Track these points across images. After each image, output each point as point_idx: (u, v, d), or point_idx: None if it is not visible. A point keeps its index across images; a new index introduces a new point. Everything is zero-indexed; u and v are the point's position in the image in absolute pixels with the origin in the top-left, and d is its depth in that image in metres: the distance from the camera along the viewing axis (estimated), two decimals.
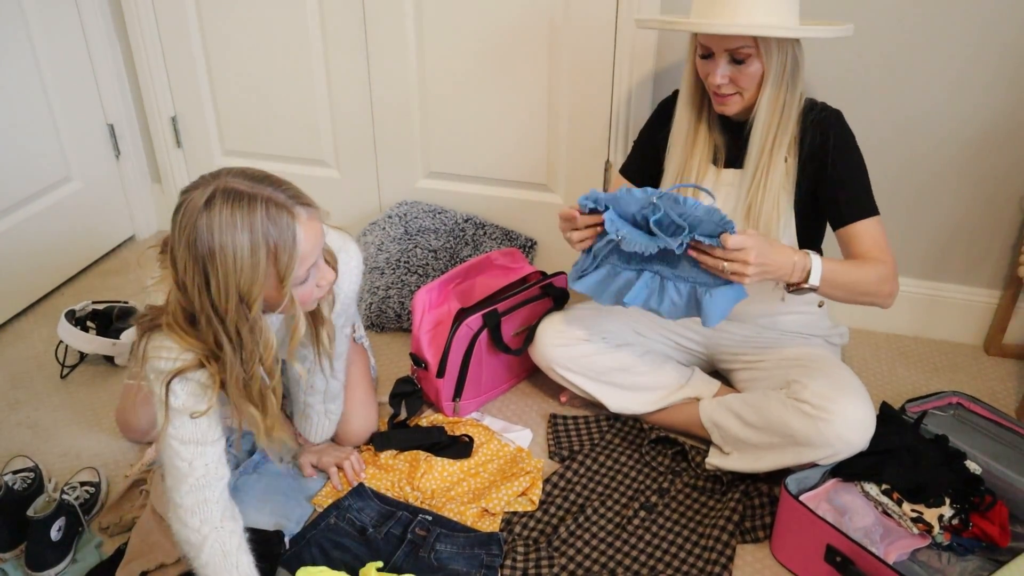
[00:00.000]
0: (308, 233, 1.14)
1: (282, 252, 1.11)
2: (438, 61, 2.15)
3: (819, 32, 1.45)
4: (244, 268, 1.09)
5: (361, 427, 1.69)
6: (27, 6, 2.10)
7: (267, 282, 1.12)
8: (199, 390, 1.23)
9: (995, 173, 1.88)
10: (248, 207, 1.09)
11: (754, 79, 1.46)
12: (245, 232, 1.08)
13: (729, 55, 1.44)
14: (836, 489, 1.49)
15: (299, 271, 1.14)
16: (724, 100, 1.50)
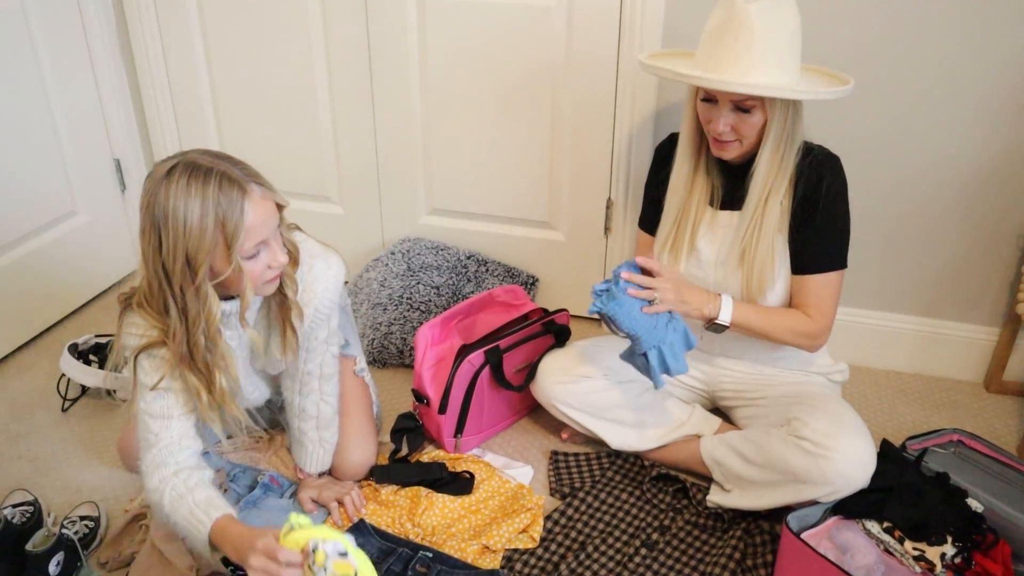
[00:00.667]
0: (257, 208, 1.22)
1: (229, 221, 1.19)
2: (442, 99, 2.18)
3: (824, 95, 1.44)
4: (192, 233, 1.18)
5: (360, 459, 1.69)
6: (38, 42, 2.14)
7: (215, 250, 1.20)
8: (164, 366, 1.31)
9: (992, 211, 1.90)
10: (203, 178, 1.18)
11: (755, 128, 1.48)
12: (197, 200, 1.17)
13: (733, 104, 1.46)
14: (838, 527, 1.49)
15: (246, 243, 1.22)
16: (724, 146, 1.52)
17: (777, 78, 1.41)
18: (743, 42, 1.39)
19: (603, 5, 1.93)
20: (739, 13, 1.38)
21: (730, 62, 1.41)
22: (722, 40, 1.42)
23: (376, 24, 2.13)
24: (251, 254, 1.25)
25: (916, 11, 1.75)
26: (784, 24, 1.41)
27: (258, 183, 1.24)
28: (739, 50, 1.40)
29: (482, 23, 2.04)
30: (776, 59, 1.41)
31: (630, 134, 2.03)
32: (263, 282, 1.31)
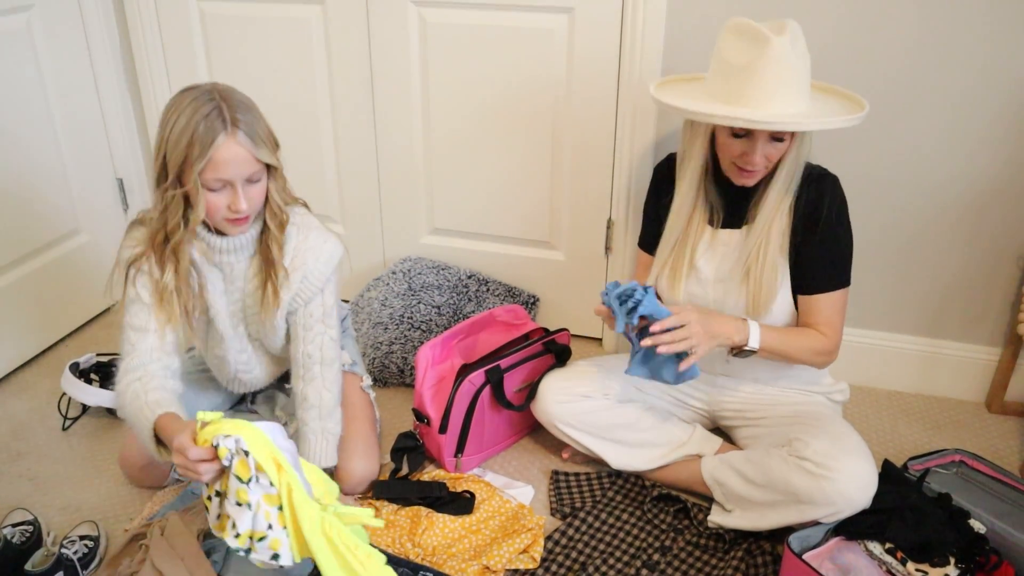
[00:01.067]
0: (230, 148, 1.33)
1: (198, 144, 1.31)
2: (443, 119, 2.19)
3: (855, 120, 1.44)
4: (170, 140, 1.34)
5: (363, 471, 1.69)
6: (43, 62, 2.16)
7: (183, 164, 1.33)
8: (148, 280, 1.47)
9: (993, 231, 1.90)
10: (200, 103, 1.33)
11: (782, 153, 1.49)
12: (184, 116, 1.33)
13: (770, 136, 1.46)
14: (839, 548, 1.48)
15: (207, 172, 1.34)
16: (751, 175, 1.52)
17: (802, 106, 1.42)
18: (783, 77, 1.40)
19: (604, 26, 1.95)
20: (773, 47, 1.37)
21: (767, 97, 1.40)
22: (758, 75, 1.40)
23: (378, 45, 2.15)
24: (213, 187, 1.36)
25: (919, 34, 1.76)
26: (805, 53, 1.43)
27: (248, 134, 1.35)
28: (778, 84, 1.40)
29: (483, 44, 2.06)
30: (804, 89, 1.44)
31: (631, 154, 2.04)
32: (220, 218, 1.42)
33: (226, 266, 1.53)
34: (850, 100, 1.55)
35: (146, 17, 2.32)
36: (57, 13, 2.19)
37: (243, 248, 1.52)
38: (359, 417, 1.76)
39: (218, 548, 1.53)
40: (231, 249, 1.50)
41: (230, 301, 1.58)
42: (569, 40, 1.99)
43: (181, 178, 1.35)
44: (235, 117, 1.34)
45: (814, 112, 1.44)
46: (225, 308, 1.58)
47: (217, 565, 1.49)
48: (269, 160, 1.40)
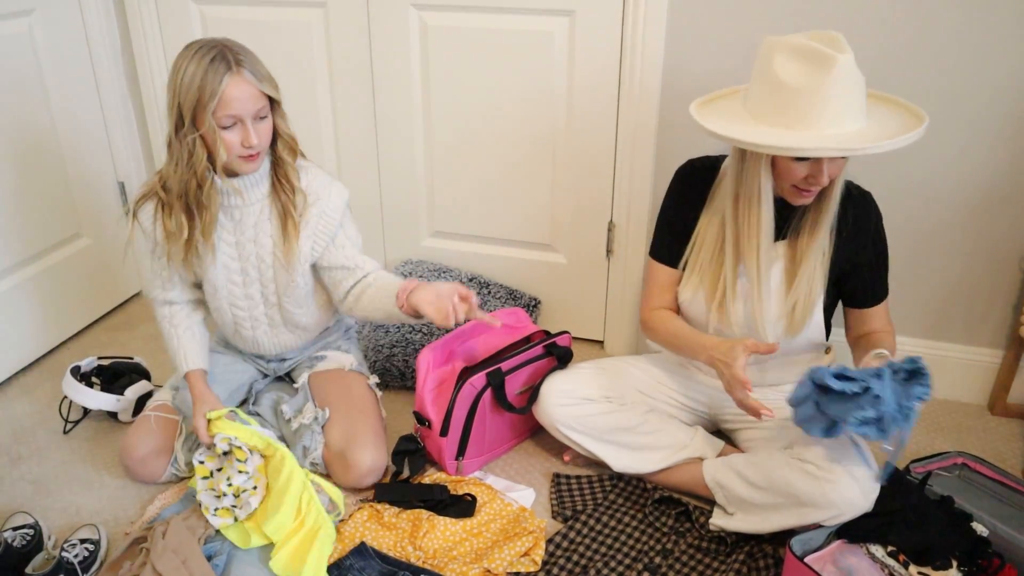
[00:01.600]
0: (237, 85, 1.46)
1: (209, 86, 1.44)
2: (444, 122, 2.19)
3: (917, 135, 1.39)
4: (183, 87, 1.46)
5: (371, 462, 1.70)
6: (44, 65, 2.16)
7: (197, 107, 1.46)
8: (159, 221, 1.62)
9: (996, 234, 1.90)
10: (206, 51, 1.46)
11: (843, 168, 1.46)
12: (193, 63, 1.45)
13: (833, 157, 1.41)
14: (841, 551, 1.48)
15: (219, 110, 1.46)
16: (810, 195, 1.47)
17: (864, 122, 1.40)
18: (854, 95, 1.37)
19: (605, 30, 1.95)
20: (841, 67, 1.33)
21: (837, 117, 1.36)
22: (824, 97, 1.35)
23: (379, 48, 2.16)
24: (226, 124, 1.48)
25: (917, 34, 1.76)
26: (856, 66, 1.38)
27: (252, 72, 1.48)
28: (846, 105, 1.36)
29: (484, 47, 2.06)
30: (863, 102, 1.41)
31: (632, 156, 2.04)
32: (236, 156, 1.53)
33: (235, 211, 1.63)
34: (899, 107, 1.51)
35: (147, 22, 2.32)
36: (59, 17, 2.19)
37: (258, 183, 1.62)
38: (367, 411, 1.77)
39: (219, 551, 1.53)
40: (247, 186, 1.61)
41: (241, 256, 1.67)
42: (570, 43, 1.99)
43: (196, 122, 1.47)
44: (238, 58, 1.47)
45: (878, 127, 1.40)
46: (235, 261, 1.68)
47: (218, 568, 1.49)
48: (273, 93, 1.53)
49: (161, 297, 1.76)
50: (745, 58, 1.87)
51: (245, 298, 1.73)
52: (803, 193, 1.47)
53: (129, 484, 1.78)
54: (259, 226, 1.65)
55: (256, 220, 1.65)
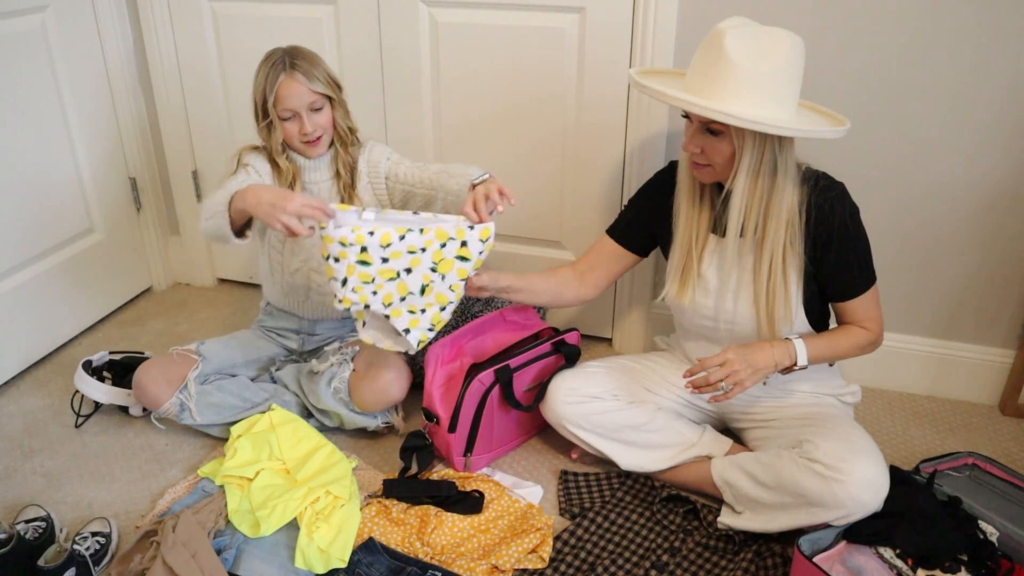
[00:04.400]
0: (289, 86, 1.72)
1: (269, 86, 1.73)
2: (453, 119, 2.20)
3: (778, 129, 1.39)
4: (256, 86, 1.76)
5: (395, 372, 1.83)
6: (57, 62, 2.18)
7: (264, 102, 1.74)
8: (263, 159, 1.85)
9: (1007, 233, 1.89)
10: (272, 58, 1.75)
11: (724, 154, 1.46)
12: (263, 68, 1.75)
13: (703, 125, 1.46)
14: (850, 550, 1.48)
15: (277, 105, 1.74)
16: (698, 169, 1.53)
17: (749, 110, 1.37)
18: (718, 68, 1.39)
19: (615, 27, 1.95)
20: (717, 40, 1.40)
21: (704, 86, 1.41)
22: (701, 65, 1.43)
23: (389, 45, 2.16)
24: (285, 116, 1.76)
25: (926, 34, 1.75)
26: (767, 57, 1.38)
27: (304, 74, 1.72)
28: (713, 75, 1.39)
29: (493, 44, 2.06)
30: (753, 92, 1.38)
31: (641, 154, 2.04)
32: (298, 143, 1.80)
33: (313, 186, 1.86)
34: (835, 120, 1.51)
35: (159, 18, 2.33)
36: (71, 14, 2.20)
37: (321, 167, 1.86)
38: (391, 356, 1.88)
39: (229, 545, 1.54)
40: (313, 167, 1.85)
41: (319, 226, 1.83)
42: (580, 40, 1.99)
43: (267, 113, 1.75)
44: (294, 63, 1.73)
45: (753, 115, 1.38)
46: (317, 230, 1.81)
47: (228, 562, 1.50)
48: (324, 91, 1.75)
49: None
50: None
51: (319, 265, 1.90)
52: (695, 167, 1.54)
53: (140, 478, 1.79)
54: (333, 197, 1.88)
55: (329, 196, 1.87)
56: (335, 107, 1.81)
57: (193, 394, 1.82)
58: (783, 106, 1.41)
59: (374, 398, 1.82)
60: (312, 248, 1.89)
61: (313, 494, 1.61)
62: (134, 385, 1.84)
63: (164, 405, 1.81)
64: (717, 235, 1.61)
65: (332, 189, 1.88)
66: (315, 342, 2.04)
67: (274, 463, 1.70)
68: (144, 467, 1.83)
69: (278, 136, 1.79)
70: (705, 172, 1.53)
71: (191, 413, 1.82)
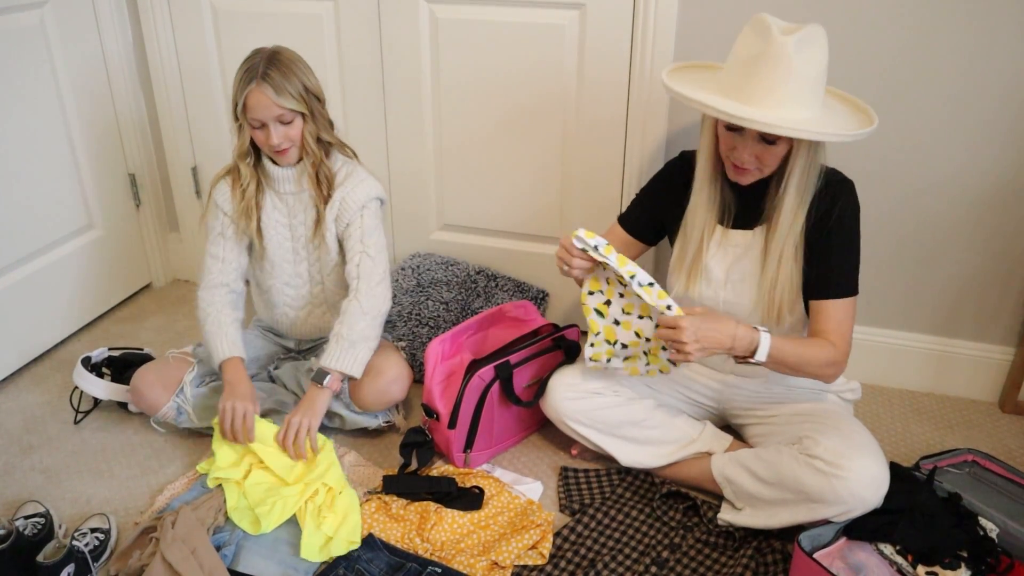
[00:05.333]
0: (255, 96, 1.66)
1: (238, 91, 1.69)
2: (454, 115, 2.19)
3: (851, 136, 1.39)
4: (233, 86, 1.71)
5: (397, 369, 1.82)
6: (56, 57, 2.17)
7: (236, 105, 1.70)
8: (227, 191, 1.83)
9: (1007, 230, 1.89)
10: (248, 62, 1.69)
11: (778, 157, 1.46)
12: (239, 71, 1.69)
13: (759, 135, 1.42)
14: (850, 547, 1.48)
15: (246, 113, 1.69)
16: (743, 173, 1.50)
17: (806, 113, 1.38)
18: (779, 76, 1.36)
19: (615, 23, 1.94)
20: (777, 45, 1.34)
21: (763, 95, 1.37)
22: (756, 72, 1.37)
23: (389, 41, 2.16)
24: (255, 125, 1.71)
25: (925, 31, 1.75)
26: (816, 59, 1.37)
27: (273, 86, 1.66)
28: (773, 84, 1.36)
29: (494, 40, 2.06)
30: (807, 94, 1.39)
31: (642, 150, 2.04)
32: (267, 151, 1.76)
33: (288, 197, 1.83)
34: (858, 108, 1.51)
35: (158, 13, 2.32)
36: (70, 9, 2.20)
37: (289, 179, 1.81)
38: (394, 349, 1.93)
39: (228, 542, 1.54)
40: (282, 178, 1.81)
41: (293, 236, 1.86)
42: (580, 36, 1.99)
43: (238, 115, 1.71)
44: (267, 72, 1.66)
45: (815, 120, 1.39)
46: (288, 241, 1.87)
47: (227, 558, 1.50)
48: (292, 106, 1.68)
49: (216, 280, 1.84)
50: None
51: (295, 276, 1.90)
52: (735, 169, 1.50)
53: (139, 474, 1.79)
54: (307, 211, 1.84)
55: (304, 206, 1.83)
56: (308, 121, 1.74)
57: (190, 397, 1.82)
58: (821, 104, 1.42)
59: (375, 398, 1.82)
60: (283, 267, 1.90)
61: (310, 489, 1.61)
62: (131, 391, 1.84)
63: (162, 410, 1.81)
64: (724, 226, 1.61)
65: (298, 201, 1.83)
66: (311, 341, 2.04)
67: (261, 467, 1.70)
68: (143, 463, 1.83)
69: (245, 138, 1.75)
70: (750, 176, 1.50)
71: (189, 416, 1.82)
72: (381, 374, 1.81)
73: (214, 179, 1.85)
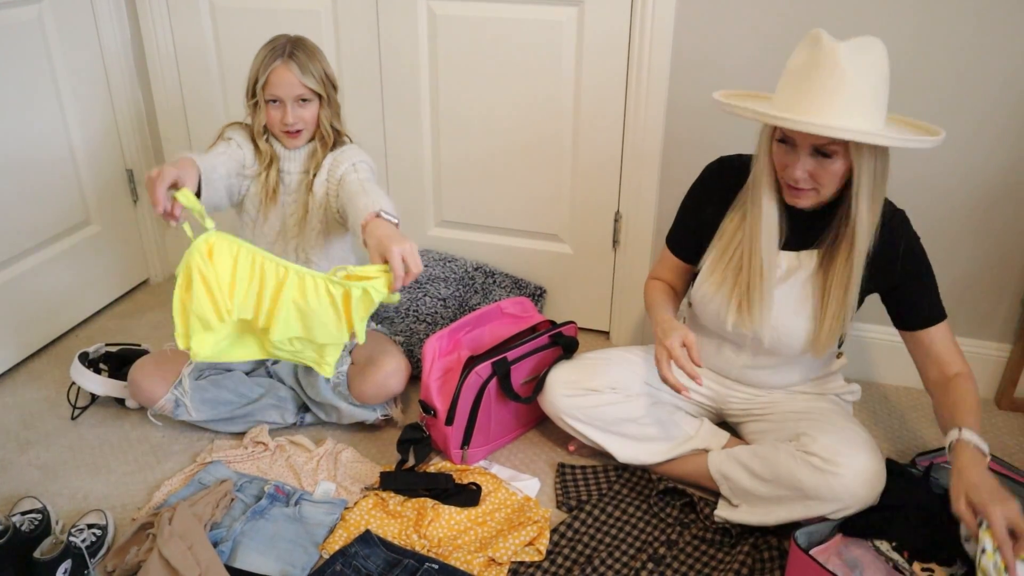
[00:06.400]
0: (280, 73, 1.71)
1: (262, 67, 1.73)
2: (451, 111, 2.19)
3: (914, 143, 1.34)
4: (252, 64, 1.76)
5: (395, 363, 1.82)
6: (54, 52, 2.17)
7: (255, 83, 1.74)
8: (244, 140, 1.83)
9: (1002, 227, 1.89)
10: (274, 42, 1.74)
11: (836, 176, 1.38)
12: (263, 50, 1.74)
13: (813, 148, 1.36)
14: (846, 543, 1.48)
15: (266, 88, 1.73)
16: (799, 194, 1.42)
17: (863, 124, 1.29)
18: (831, 84, 1.28)
19: (613, 18, 1.94)
20: (827, 52, 1.28)
21: (813, 103, 1.29)
22: (807, 79, 1.31)
23: (387, 37, 2.15)
24: (272, 102, 1.74)
25: (925, 28, 1.75)
26: (873, 67, 1.30)
27: (299, 65, 1.72)
28: (825, 91, 1.29)
29: (492, 36, 2.06)
30: (866, 105, 1.30)
31: (640, 147, 2.04)
32: (278, 130, 1.78)
33: (287, 176, 1.84)
34: (923, 130, 1.42)
35: (156, 8, 2.32)
36: (68, 4, 2.19)
37: (297, 159, 1.82)
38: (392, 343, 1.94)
39: (225, 537, 1.54)
40: (289, 158, 1.82)
41: (285, 215, 1.86)
42: (578, 32, 1.99)
43: (255, 93, 1.75)
44: (293, 52, 1.72)
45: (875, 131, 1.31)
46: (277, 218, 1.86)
47: (224, 555, 1.50)
48: (314, 87, 1.73)
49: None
50: (755, 48, 1.87)
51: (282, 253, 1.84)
52: (790, 189, 1.43)
53: (136, 470, 1.79)
54: (300, 191, 1.84)
55: (297, 187, 1.84)
56: (323, 105, 1.78)
57: (188, 390, 1.82)
58: (882, 119, 1.34)
59: (374, 391, 1.82)
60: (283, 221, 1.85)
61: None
62: (129, 383, 1.83)
63: (159, 402, 1.81)
64: (788, 251, 1.53)
65: (303, 183, 1.84)
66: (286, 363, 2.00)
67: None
68: (140, 459, 1.83)
69: (261, 118, 1.78)
70: (807, 197, 1.42)
71: (187, 409, 1.82)
72: (379, 367, 1.81)
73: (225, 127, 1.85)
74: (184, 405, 1.81)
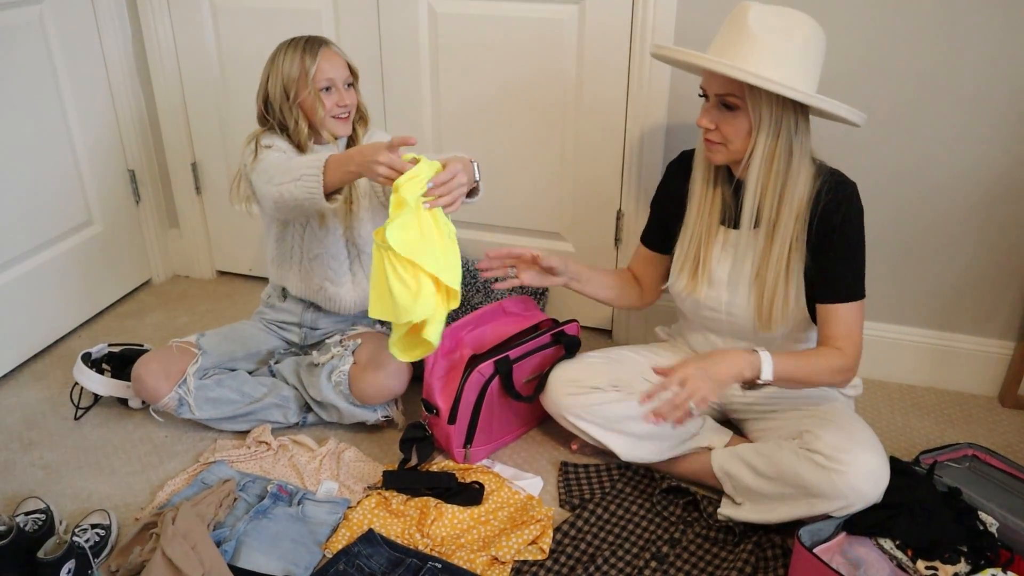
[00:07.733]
0: (329, 58, 1.78)
1: (308, 59, 1.76)
2: (453, 110, 2.19)
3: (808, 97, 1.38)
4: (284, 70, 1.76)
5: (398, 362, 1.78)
6: (55, 54, 2.17)
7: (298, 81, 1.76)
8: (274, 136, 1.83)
9: (1006, 225, 1.89)
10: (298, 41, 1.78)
11: (739, 131, 1.45)
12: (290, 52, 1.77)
13: (718, 100, 1.45)
14: (850, 542, 1.48)
15: (319, 76, 1.76)
16: (711, 147, 1.51)
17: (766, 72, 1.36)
18: (732, 35, 1.40)
19: (614, 16, 1.94)
20: (740, 9, 1.41)
21: (731, 51, 1.40)
22: (722, 40, 1.43)
23: (388, 36, 2.15)
24: (323, 86, 1.77)
25: (930, 29, 1.75)
26: (791, 31, 1.39)
27: (337, 49, 1.80)
28: (727, 41, 1.41)
29: (493, 35, 2.06)
30: (777, 59, 1.37)
31: (641, 145, 2.03)
32: (332, 116, 1.80)
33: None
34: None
35: (157, 9, 2.32)
36: (69, 5, 2.19)
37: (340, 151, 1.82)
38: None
39: (228, 537, 1.54)
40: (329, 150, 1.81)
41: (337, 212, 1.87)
42: (579, 30, 1.98)
43: (298, 94, 1.77)
44: (327, 40, 1.80)
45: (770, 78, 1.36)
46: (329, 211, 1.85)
47: (227, 554, 1.50)
48: (354, 66, 1.83)
49: None
50: None
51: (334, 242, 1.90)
52: (706, 144, 1.51)
53: (139, 470, 1.79)
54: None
55: None
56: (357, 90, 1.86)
57: (192, 389, 1.82)
58: (803, 82, 1.40)
59: (375, 390, 1.82)
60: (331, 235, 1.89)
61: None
62: (133, 378, 1.83)
63: (163, 399, 1.81)
64: (726, 227, 1.60)
65: None
66: (317, 336, 2.04)
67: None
68: (143, 459, 1.83)
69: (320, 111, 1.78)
70: (718, 151, 1.50)
71: (190, 408, 1.82)
72: (381, 367, 1.81)
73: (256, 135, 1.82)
74: (187, 404, 1.81)
